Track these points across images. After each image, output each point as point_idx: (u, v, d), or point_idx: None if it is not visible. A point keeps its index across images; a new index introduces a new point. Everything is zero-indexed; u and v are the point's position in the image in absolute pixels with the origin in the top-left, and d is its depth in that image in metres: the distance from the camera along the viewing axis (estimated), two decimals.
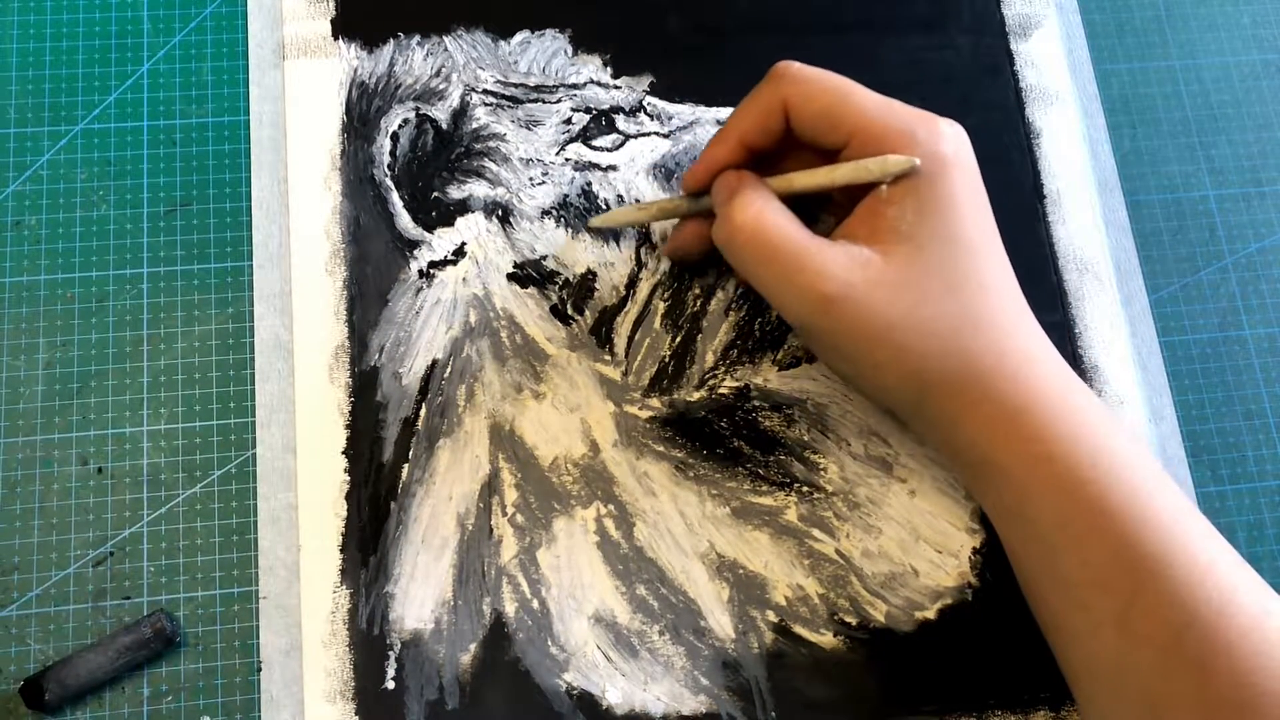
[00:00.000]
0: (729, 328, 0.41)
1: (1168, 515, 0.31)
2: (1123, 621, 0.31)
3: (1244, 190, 0.45)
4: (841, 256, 0.33)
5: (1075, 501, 0.32)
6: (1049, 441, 0.32)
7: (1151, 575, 0.30)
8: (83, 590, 0.37)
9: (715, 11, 0.45)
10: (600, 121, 0.43)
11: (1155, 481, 0.32)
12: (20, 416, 0.38)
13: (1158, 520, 0.31)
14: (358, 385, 0.39)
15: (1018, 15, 0.46)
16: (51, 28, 0.43)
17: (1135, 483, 0.32)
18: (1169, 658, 0.30)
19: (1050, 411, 0.32)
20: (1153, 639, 0.30)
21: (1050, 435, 0.32)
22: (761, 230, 0.33)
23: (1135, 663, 0.30)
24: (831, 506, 0.39)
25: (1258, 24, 0.48)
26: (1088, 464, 0.32)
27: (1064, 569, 0.32)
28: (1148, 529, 0.31)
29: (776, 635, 0.37)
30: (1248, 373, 0.43)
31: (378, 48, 0.43)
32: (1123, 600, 0.31)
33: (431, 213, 0.41)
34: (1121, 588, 0.31)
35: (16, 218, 0.40)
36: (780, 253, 0.33)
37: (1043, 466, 0.32)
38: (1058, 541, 0.32)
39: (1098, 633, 0.31)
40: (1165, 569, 0.30)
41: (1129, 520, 0.31)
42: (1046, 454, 0.32)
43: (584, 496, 0.38)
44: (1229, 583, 0.30)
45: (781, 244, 0.33)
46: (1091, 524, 0.31)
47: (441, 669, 0.36)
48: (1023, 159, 0.44)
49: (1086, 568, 0.31)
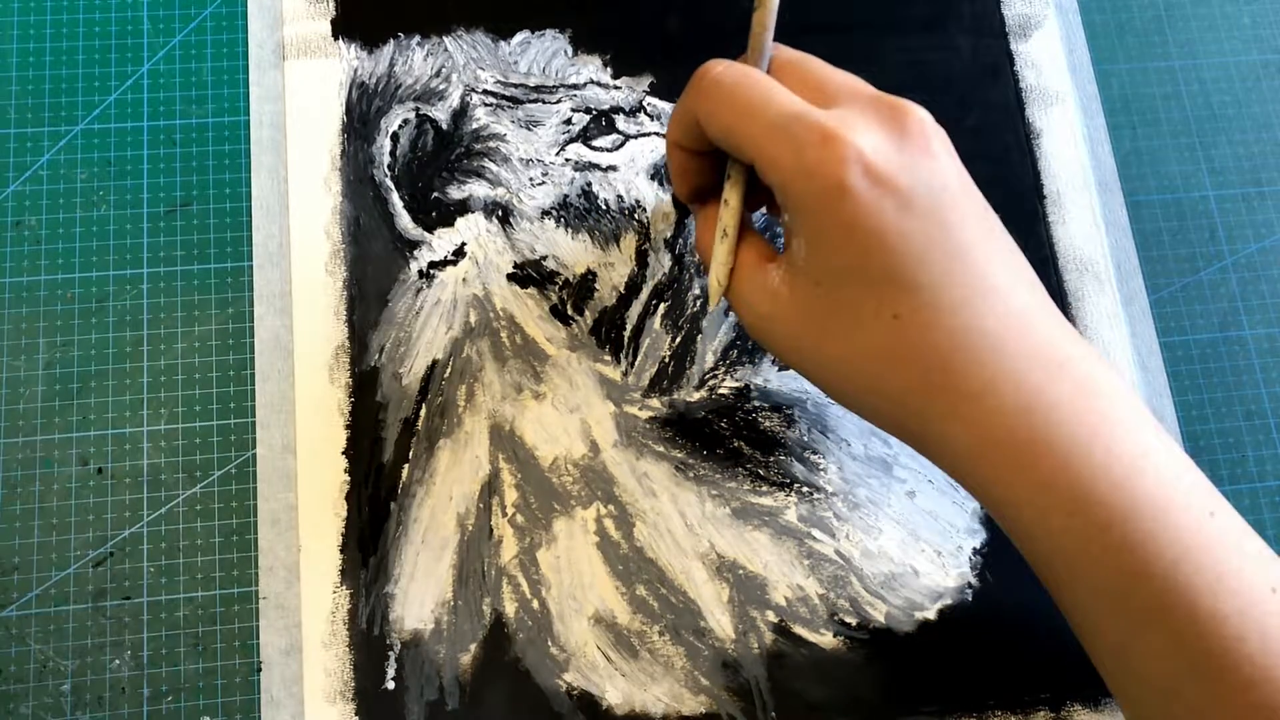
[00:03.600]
0: (729, 328, 0.41)
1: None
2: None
3: (1244, 190, 0.45)
4: (761, 287, 0.31)
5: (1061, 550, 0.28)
6: (998, 485, 0.29)
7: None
8: (83, 590, 0.37)
9: (715, 11, 0.45)
10: (600, 122, 0.43)
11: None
12: (20, 416, 0.38)
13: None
14: (358, 385, 0.39)
15: (1018, 15, 0.46)
16: (51, 28, 0.43)
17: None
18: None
19: (999, 453, 0.28)
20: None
21: (999, 479, 0.29)
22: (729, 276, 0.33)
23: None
24: (831, 506, 0.39)
25: (1258, 24, 0.48)
26: (1061, 512, 0.28)
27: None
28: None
29: (776, 635, 0.37)
30: (1248, 373, 0.43)
31: (378, 48, 0.43)
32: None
33: (431, 213, 0.41)
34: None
35: (16, 218, 0.40)
36: (732, 283, 0.33)
37: (1006, 515, 0.29)
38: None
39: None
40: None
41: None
42: (1000, 498, 0.29)
43: (584, 497, 0.38)
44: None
45: (736, 270, 0.33)
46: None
47: (441, 669, 0.36)
48: (1023, 159, 0.44)
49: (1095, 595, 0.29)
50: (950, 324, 0.28)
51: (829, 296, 0.29)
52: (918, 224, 0.28)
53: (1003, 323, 0.29)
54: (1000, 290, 0.29)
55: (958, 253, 0.29)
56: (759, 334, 0.32)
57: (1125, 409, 0.29)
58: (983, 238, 0.29)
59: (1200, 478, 0.29)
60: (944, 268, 0.28)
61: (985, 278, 0.29)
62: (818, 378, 0.31)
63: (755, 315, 0.32)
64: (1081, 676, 0.38)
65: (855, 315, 0.29)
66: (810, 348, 0.30)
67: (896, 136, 0.29)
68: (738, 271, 0.32)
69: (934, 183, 0.29)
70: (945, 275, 0.28)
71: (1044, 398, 0.28)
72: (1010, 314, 0.29)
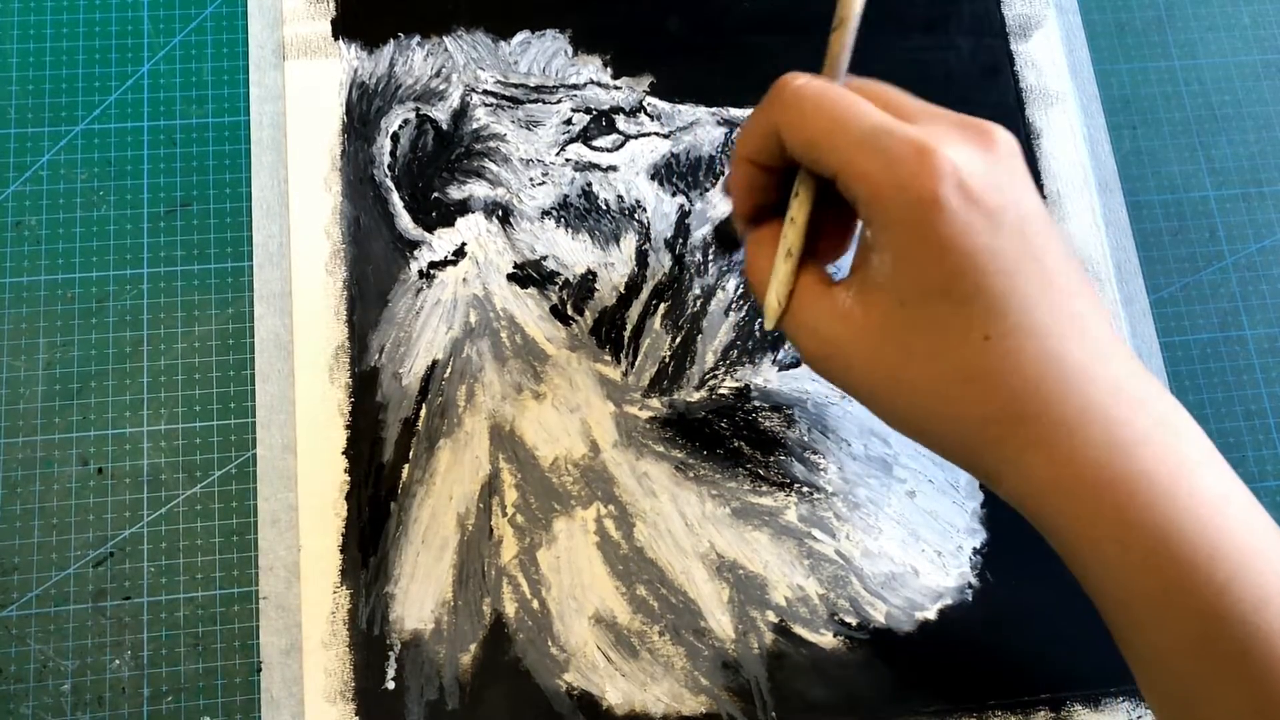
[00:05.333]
0: (729, 328, 0.41)
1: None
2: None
3: (1244, 190, 0.45)
4: (827, 310, 0.30)
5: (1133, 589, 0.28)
6: (1078, 520, 0.28)
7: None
8: (83, 590, 0.37)
9: (715, 11, 0.45)
10: (600, 122, 0.43)
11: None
12: (20, 416, 0.38)
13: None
14: (358, 385, 0.39)
15: (1018, 16, 0.46)
16: (51, 28, 0.43)
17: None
18: None
19: (1082, 487, 0.28)
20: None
21: (1080, 514, 0.28)
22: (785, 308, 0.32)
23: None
24: (831, 506, 0.39)
25: (1258, 24, 0.48)
26: (1144, 550, 0.27)
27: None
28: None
29: (776, 635, 0.37)
30: (1248, 373, 0.43)
31: (378, 48, 0.43)
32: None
33: (431, 213, 0.41)
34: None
35: (16, 218, 0.40)
36: (791, 307, 0.31)
37: (1081, 552, 0.29)
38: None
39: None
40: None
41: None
42: (1079, 534, 0.28)
43: (584, 497, 0.38)
44: None
45: (795, 293, 0.31)
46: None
47: (441, 669, 0.36)
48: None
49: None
50: (1041, 349, 0.28)
51: (914, 315, 0.28)
52: (1008, 245, 0.28)
53: (1088, 353, 0.28)
54: (1083, 318, 0.28)
55: (1046, 277, 0.28)
56: (822, 359, 0.30)
57: (1202, 448, 0.28)
58: (1066, 266, 0.29)
59: (1273, 521, 0.28)
60: (1034, 291, 0.28)
61: (1070, 304, 0.28)
62: (888, 404, 0.30)
63: (819, 339, 0.30)
64: (1081, 676, 0.38)
65: (943, 335, 0.28)
66: (886, 373, 0.29)
67: (986, 156, 0.28)
68: (798, 294, 0.31)
69: (1022, 204, 0.28)
70: (1035, 299, 0.28)
71: (1130, 433, 0.27)
72: (1092, 343, 0.28)
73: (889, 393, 0.30)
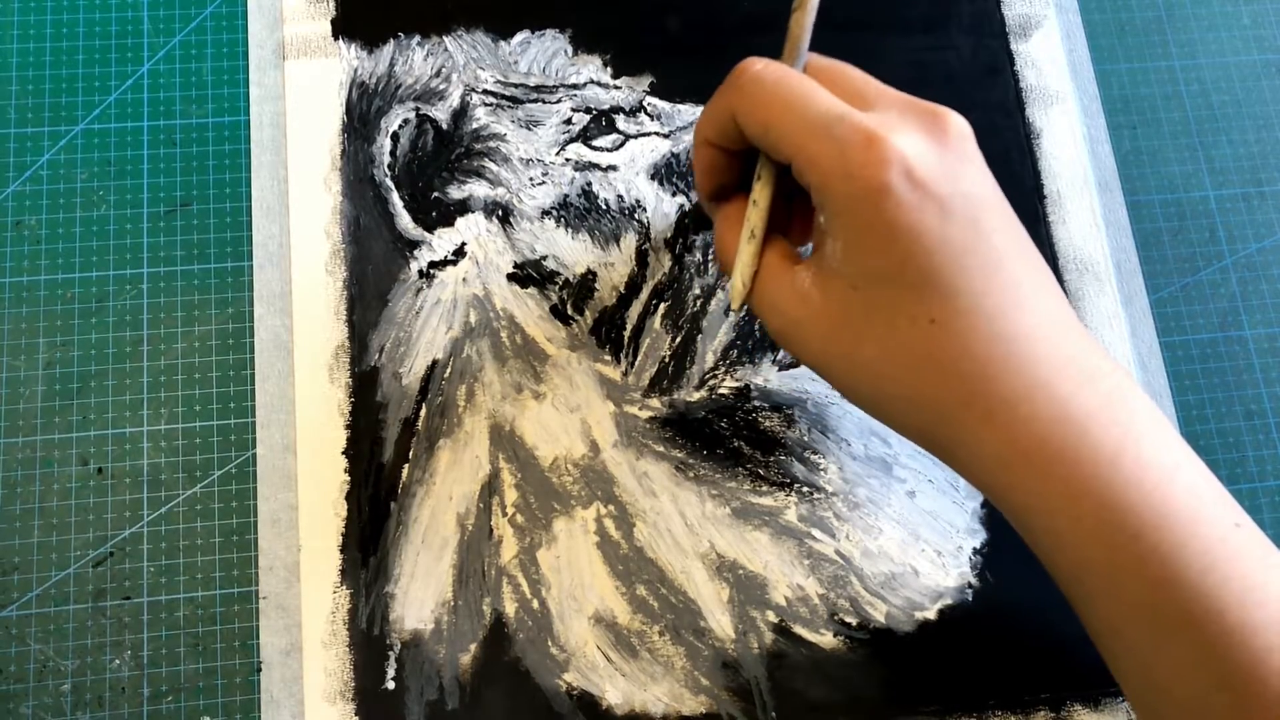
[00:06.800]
0: (729, 327, 0.41)
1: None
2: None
3: (1244, 190, 0.45)
4: (789, 290, 0.31)
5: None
6: (1028, 493, 0.29)
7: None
8: (83, 590, 0.37)
9: (715, 11, 0.45)
10: (600, 121, 0.43)
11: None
12: (20, 416, 0.38)
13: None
14: (358, 385, 0.39)
15: (1018, 15, 0.46)
16: (51, 28, 0.43)
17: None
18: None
19: (1030, 461, 0.28)
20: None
21: (1030, 487, 0.29)
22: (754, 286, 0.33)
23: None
24: (831, 506, 0.39)
25: (1258, 24, 0.48)
26: (1093, 520, 0.28)
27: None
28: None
29: (776, 635, 0.37)
30: (1248, 373, 0.43)
31: (378, 48, 0.43)
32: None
33: (431, 213, 0.41)
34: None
35: (16, 218, 0.40)
36: (756, 286, 0.32)
37: (1033, 524, 0.29)
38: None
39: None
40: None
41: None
42: (1029, 507, 0.29)
43: (584, 497, 0.38)
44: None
45: (760, 273, 0.32)
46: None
47: (441, 669, 0.36)
48: (1023, 159, 0.44)
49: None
50: (988, 331, 0.28)
51: (865, 299, 0.29)
52: (957, 230, 0.28)
53: (1037, 332, 0.29)
54: (1033, 300, 0.29)
55: (995, 261, 0.29)
56: (786, 338, 0.31)
57: (1152, 421, 0.29)
58: (1016, 247, 0.29)
59: (1223, 490, 0.29)
60: (982, 275, 0.28)
61: (1020, 287, 0.29)
62: (847, 383, 0.31)
63: (783, 319, 0.31)
64: (1081, 676, 0.38)
65: (891, 319, 0.29)
66: (842, 353, 0.30)
67: (937, 142, 0.29)
68: (762, 274, 0.32)
69: (972, 190, 0.29)
70: (983, 282, 0.28)
71: (1077, 407, 0.28)
72: (1043, 324, 0.29)
73: (846, 373, 0.31)
